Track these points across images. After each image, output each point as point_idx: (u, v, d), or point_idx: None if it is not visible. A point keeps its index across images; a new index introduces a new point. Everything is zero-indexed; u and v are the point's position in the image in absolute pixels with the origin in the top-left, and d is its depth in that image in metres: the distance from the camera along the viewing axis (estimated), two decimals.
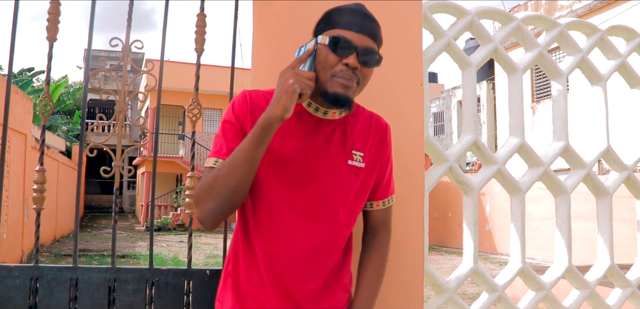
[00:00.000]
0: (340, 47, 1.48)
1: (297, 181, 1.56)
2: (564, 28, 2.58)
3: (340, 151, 1.60)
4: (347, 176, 1.60)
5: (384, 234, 1.76)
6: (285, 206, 1.56)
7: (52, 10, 2.06)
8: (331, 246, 1.60)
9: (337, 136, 1.61)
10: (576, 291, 2.57)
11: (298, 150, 1.56)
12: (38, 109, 2.09)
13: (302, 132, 1.58)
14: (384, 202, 1.74)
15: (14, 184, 10.94)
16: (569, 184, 2.56)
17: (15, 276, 1.99)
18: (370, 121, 1.70)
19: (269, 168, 1.55)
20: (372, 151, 1.67)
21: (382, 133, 1.70)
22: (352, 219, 1.66)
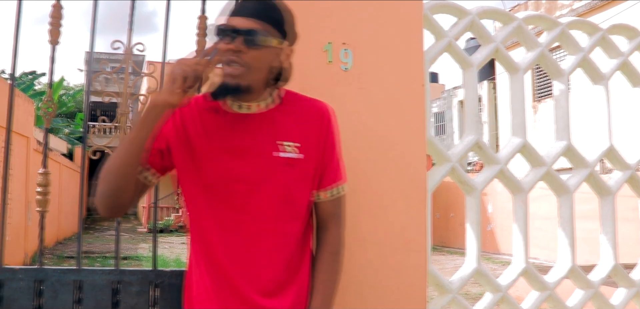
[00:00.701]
0: (220, 32, 1.48)
1: (223, 181, 1.55)
2: (565, 27, 2.58)
3: (267, 144, 1.56)
4: (279, 169, 1.55)
5: (334, 228, 1.66)
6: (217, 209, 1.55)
7: (54, 13, 2.07)
8: (275, 244, 1.56)
9: (258, 129, 1.57)
10: (580, 291, 2.56)
11: (220, 149, 1.55)
12: (41, 112, 2.09)
13: (225, 131, 1.57)
14: (331, 193, 1.65)
15: (16, 186, 10.96)
16: (571, 183, 2.56)
17: (20, 278, 2.00)
18: (308, 108, 1.65)
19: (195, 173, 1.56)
20: (311, 139, 1.60)
21: (320, 119, 1.63)
22: (296, 213, 1.59)
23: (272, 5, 1.53)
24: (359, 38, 2.09)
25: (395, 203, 2.08)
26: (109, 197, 1.52)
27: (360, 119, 2.07)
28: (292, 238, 1.59)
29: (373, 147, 2.07)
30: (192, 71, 1.42)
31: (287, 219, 1.57)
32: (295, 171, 1.57)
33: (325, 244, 1.64)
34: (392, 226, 2.08)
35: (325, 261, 1.62)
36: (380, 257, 2.06)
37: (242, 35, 1.46)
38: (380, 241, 2.06)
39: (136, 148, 1.47)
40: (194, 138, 1.56)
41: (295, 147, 1.57)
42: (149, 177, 1.60)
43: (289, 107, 1.62)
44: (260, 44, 1.47)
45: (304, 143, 1.58)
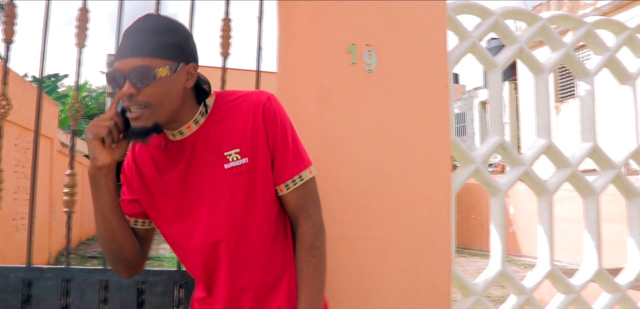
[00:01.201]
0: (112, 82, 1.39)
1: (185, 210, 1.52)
2: (591, 27, 2.55)
3: (212, 160, 1.49)
4: (230, 181, 1.48)
5: (303, 222, 1.54)
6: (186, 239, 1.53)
7: (81, 17, 2.10)
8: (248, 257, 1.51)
9: (204, 147, 1.50)
10: (607, 295, 2.53)
11: (173, 181, 1.51)
12: (68, 113, 2.12)
13: (170, 161, 1.52)
14: (289, 184, 1.53)
15: (40, 187, 11.11)
16: (598, 185, 2.53)
17: (48, 277, 2.03)
18: (240, 106, 1.52)
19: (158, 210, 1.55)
20: (250, 138, 1.49)
21: (253, 113, 1.50)
22: (261, 220, 1.51)
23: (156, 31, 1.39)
24: (382, 39, 2.09)
25: (420, 204, 2.08)
26: (116, 261, 1.56)
27: (384, 120, 2.06)
28: (266, 242, 1.53)
29: (397, 149, 2.07)
30: (104, 128, 1.40)
31: (254, 227, 1.50)
32: (245, 177, 1.48)
33: (299, 240, 1.54)
34: (416, 228, 2.07)
35: (302, 258, 1.53)
36: (404, 258, 2.05)
37: (128, 77, 1.35)
38: (404, 242, 2.05)
39: (108, 213, 1.49)
40: (148, 178, 1.54)
41: (237, 154, 1.48)
42: (145, 222, 1.61)
43: (221, 113, 1.52)
44: (148, 80, 1.35)
45: (243, 145, 1.49)
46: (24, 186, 10.45)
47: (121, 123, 1.42)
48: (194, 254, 1.53)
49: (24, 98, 9.80)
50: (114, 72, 1.37)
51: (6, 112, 2.03)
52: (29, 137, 10.47)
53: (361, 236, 2.01)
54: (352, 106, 2.04)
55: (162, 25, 1.40)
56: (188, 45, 1.45)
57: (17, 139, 9.92)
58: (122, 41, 1.39)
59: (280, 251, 1.55)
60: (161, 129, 1.44)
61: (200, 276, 1.57)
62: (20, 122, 9.71)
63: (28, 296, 2.01)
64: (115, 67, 1.37)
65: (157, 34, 1.38)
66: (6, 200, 9.10)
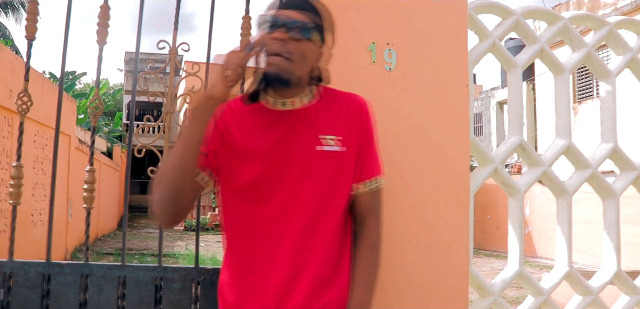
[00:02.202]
0: (265, 24, 1.49)
1: (266, 177, 1.54)
2: (613, 27, 2.52)
3: (307, 139, 1.56)
4: (320, 163, 1.55)
5: (372, 222, 1.64)
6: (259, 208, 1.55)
7: (102, 14, 2.11)
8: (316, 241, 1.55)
9: (301, 124, 1.57)
10: (625, 297, 2.50)
11: (261, 148, 1.55)
12: (88, 111, 2.14)
13: (263, 128, 1.57)
14: (367, 184, 1.62)
15: (58, 183, 11.23)
16: (617, 186, 2.50)
17: (67, 273, 2.05)
18: (347, 102, 1.64)
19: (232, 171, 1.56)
20: (351, 132, 1.60)
21: (359, 111, 1.63)
22: (335, 206, 1.58)
23: (317, 5, 1.54)
24: (402, 38, 2.08)
25: (438, 204, 2.07)
26: (169, 203, 1.50)
27: (404, 119, 2.06)
28: (333, 231, 1.58)
29: (417, 148, 2.06)
30: (235, 65, 1.45)
31: (329, 213, 1.56)
32: (338, 164, 1.57)
33: (365, 238, 1.62)
34: (434, 227, 2.06)
35: (365, 255, 1.61)
36: (422, 257, 2.05)
37: (290, 26, 1.47)
38: (423, 241, 2.05)
39: (192, 147, 1.48)
40: (237, 139, 1.57)
41: (338, 140, 1.57)
42: (206, 178, 1.60)
43: (329, 102, 1.62)
44: (307, 37, 1.49)
45: (345, 136, 1.58)
46: (42, 182, 10.56)
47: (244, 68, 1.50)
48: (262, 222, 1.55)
49: (43, 95, 9.91)
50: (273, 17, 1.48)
51: (28, 108, 2.05)
52: (47, 133, 10.58)
53: None
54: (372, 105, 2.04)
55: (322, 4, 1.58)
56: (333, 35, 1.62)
57: (35, 136, 10.02)
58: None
59: (341, 245, 1.60)
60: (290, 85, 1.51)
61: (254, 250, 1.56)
62: (39, 118, 9.81)
63: (47, 291, 2.03)
64: (276, 14, 1.49)
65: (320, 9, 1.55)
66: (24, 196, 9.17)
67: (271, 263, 1.54)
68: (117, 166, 21.51)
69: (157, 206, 1.51)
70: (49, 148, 10.80)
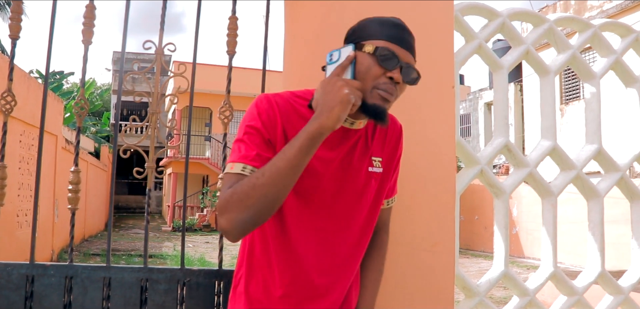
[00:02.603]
0: (386, 59, 1.41)
1: (324, 191, 1.52)
2: (598, 29, 2.54)
3: (363, 159, 1.57)
4: (369, 184, 1.58)
5: (384, 234, 1.77)
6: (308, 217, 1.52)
7: (87, 14, 2.10)
8: (355, 254, 1.60)
9: (361, 145, 1.58)
10: (609, 297, 2.52)
11: (325, 161, 1.50)
12: (74, 111, 2.12)
13: (330, 142, 1.50)
14: (389, 202, 1.75)
15: (45, 184, 11.15)
16: (602, 187, 2.52)
17: (51, 274, 2.03)
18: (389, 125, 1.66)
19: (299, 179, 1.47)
20: (389, 154, 1.64)
21: (398, 136, 1.68)
22: (371, 226, 1.64)
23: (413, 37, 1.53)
24: None
25: (424, 204, 2.07)
26: (255, 224, 1.39)
27: None
28: (365, 247, 1.65)
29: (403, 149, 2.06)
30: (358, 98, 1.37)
31: (367, 230, 1.62)
32: (379, 185, 1.62)
33: (378, 247, 1.74)
34: (420, 228, 2.07)
35: (375, 261, 1.72)
36: (408, 258, 2.05)
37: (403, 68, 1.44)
38: (408, 242, 2.05)
39: (296, 176, 1.37)
40: None
41: (380, 162, 1.61)
42: None
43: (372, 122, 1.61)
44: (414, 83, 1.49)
45: (384, 158, 1.63)
46: (28, 183, 10.48)
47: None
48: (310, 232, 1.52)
49: (29, 94, 9.83)
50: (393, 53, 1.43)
51: (11, 108, 2.03)
52: (33, 133, 10.50)
53: None
54: None
55: None
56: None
57: (21, 136, 9.94)
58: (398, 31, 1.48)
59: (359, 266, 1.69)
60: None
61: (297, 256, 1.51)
62: (25, 118, 9.73)
63: (31, 292, 2.01)
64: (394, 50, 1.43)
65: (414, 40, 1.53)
66: (9, 196, 9.13)
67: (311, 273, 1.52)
68: (104, 166, 21.39)
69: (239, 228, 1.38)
70: (35, 148, 10.71)
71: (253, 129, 1.45)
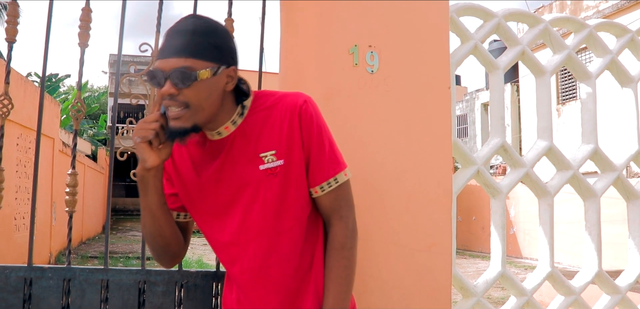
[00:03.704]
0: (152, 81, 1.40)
1: (219, 207, 1.54)
2: (593, 29, 2.55)
3: (249, 161, 1.50)
4: (264, 182, 1.49)
5: (336, 222, 1.56)
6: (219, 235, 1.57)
7: (83, 16, 2.10)
8: (279, 258, 1.52)
9: (238, 148, 1.51)
10: (606, 297, 2.53)
11: (209, 179, 1.53)
12: (70, 114, 2.12)
13: (207, 159, 1.54)
14: (325, 187, 1.54)
15: (42, 187, 11.13)
16: (598, 187, 2.53)
17: (49, 277, 2.03)
18: (277, 108, 1.52)
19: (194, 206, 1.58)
20: (285, 140, 1.50)
21: (290, 115, 1.50)
22: (294, 222, 1.53)
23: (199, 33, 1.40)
24: (385, 40, 2.09)
25: (421, 205, 2.08)
26: (162, 255, 1.60)
27: (386, 121, 2.07)
28: (296, 244, 1.54)
29: (399, 150, 2.07)
30: (151, 131, 1.40)
31: (283, 231, 1.52)
32: (280, 179, 1.50)
33: (330, 240, 1.56)
34: (417, 228, 2.07)
35: (332, 258, 1.54)
36: (405, 259, 2.05)
37: (171, 77, 1.36)
38: (406, 243, 2.06)
39: (155, 212, 1.50)
40: (185, 174, 1.57)
41: (272, 155, 1.49)
42: (187, 215, 1.64)
43: (258, 114, 1.53)
44: (189, 81, 1.37)
45: (279, 147, 1.50)
46: (25, 186, 10.46)
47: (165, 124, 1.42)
48: (227, 250, 1.58)
49: (26, 97, 9.81)
50: (155, 71, 1.39)
51: (8, 111, 2.03)
52: (30, 136, 10.48)
53: (362, 237, 1.99)
54: (354, 107, 2.04)
55: (204, 27, 1.42)
56: (229, 48, 1.46)
57: (18, 139, 9.92)
58: (164, 41, 1.41)
59: (310, 252, 1.57)
60: (200, 129, 1.46)
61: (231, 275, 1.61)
62: (22, 121, 9.71)
63: (29, 295, 2.01)
64: (156, 66, 1.39)
65: (199, 35, 1.40)
66: (7, 199, 9.11)
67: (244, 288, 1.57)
68: (101, 169, 21.34)
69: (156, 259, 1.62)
70: (32, 151, 10.69)
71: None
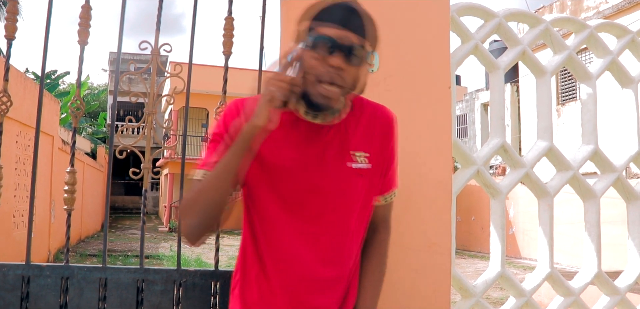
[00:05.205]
0: (321, 45, 1.35)
1: (298, 193, 1.48)
2: (594, 30, 2.55)
3: (340, 156, 1.49)
4: (351, 181, 1.50)
5: (383, 231, 1.65)
6: (288, 219, 1.49)
7: (83, 14, 2.09)
8: (343, 256, 1.52)
9: (337, 140, 1.50)
10: (606, 297, 2.53)
11: (295, 160, 1.47)
12: (69, 111, 2.12)
13: (299, 141, 1.48)
14: (386, 198, 1.62)
15: (41, 184, 11.12)
16: (598, 188, 2.52)
17: (47, 275, 2.02)
18: (375, 115, 1.56)
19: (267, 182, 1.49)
20: (378, 148, 1.54)
21: (388, 126, 1.57)
22: (363, 224, 1.57)
23: (369, 18, 1.42)
24: (385, 40, 2.08)
25: (420, 205, 2.07)
26: (204, 228, 1.45)
27: None
28: (358, 247, 1.58)
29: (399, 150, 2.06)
30: (287, 93, 1.34)
31: (354, 231, 1.54)
32: (366, 181, 1.52)
33: (376, 246, 1.63)
34: (416, 228, 2.07)
35: (375, 262, 1.61)
36: (404, 259, 2.05)
37: (345, 51, 1.35)
38: (405, 243, 2.05)
39: (231, 175, 1.39)
40: (265, 150, 1.47)
41: (365, 157, 1.51)
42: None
43: (359, 115, 1.55)
44: (360, 62, 1.37)
45: (372, 152, 1.53)
46: (24, 183, 10.45)
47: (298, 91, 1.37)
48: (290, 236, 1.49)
49: (25, 95, 9.81)
50: (327, 38, 1.34)
51: (7, 108, 2.03)
52: (29, 134, 10.47)
53: None
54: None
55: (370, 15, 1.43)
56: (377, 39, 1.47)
57: (17, 136, 9.91)
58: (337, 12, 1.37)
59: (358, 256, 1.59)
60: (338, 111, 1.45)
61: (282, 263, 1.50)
62: (21, 119, 9.71)
63: (27, 293, 2.00)
64: (330, 34, 1.35)
65: (371, 21, 1.41)
66: (6, 197, 9.10)
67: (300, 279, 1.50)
68: (101, 167, 21.34)
69: (190, 232, 1.46)
70: (31, 149, 10.68)
71: (217, 136, 1.48)
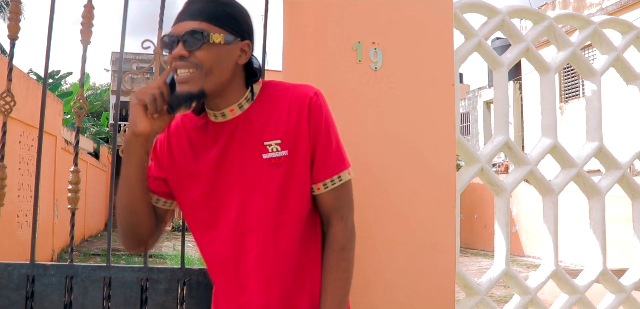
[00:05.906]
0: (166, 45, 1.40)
1: (215, 195, 1.47)
2: (598, 26, 2.54)
3: (252, 148, 1.45)
4: (266, 172, 1.44)
5: (337, 222, 1.50)
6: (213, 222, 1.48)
7: (86, 13, 2.09)
8: (275, 252, 1.45)
9: (244, 133, 1.46)
10: (611, 295, 2.52)
11: (208, 164, 1.47)
12: (73, 111, 2.12)
13: (209, 144, 1.48)
14: (328, 184, 1.48)
15: (44, 184, 11.14)
16: (603, 185, 2.51)
17: (52, 274, 2.03)
18: (287, 98, 1.47)
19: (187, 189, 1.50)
20: (293, 132, 1.45)
21: (299, 106, 1.45)
22: (293, 217, 1.46)
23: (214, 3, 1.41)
24: (388, 37, 2.08)
25: (424, 203, 2.07)
26: (129, 234, 1.52)
27: (390, 119, 2.06)
28: (297, 240, 1.47)
29: (402, 148, 2.06)
30: (149, 95, 1.36)
31: (285, 224, 1.45)
32: (283, 170, 1.44)
33: (330, 241, 1.49)
34: (420, 227, 2.06)
35: (331, 259, 1.49)
36: (408, 257, 2.04)
37: (181, 39, 1.37)
38: (409, 241, 2.05)
39: (134, 185, 1.45)
40: (180, 158, 1.51)
41: (277, 145, 1.44)
42: (167, 201, 1.57)
43: (266, 102, 1.49)
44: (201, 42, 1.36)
45: (285, 137, 1.44)
46: (28, 183, 10.48)
47: (167, 94, 1.39)
48: (219, 241, 1.48)
49: (28, 95, 9.83)
50: (169, 36, 1.39)
51: (10, 108, 2.03)
52: (33, 134, 10.49)
53: (365, 235, 2.00)
54: (358, 104, 2.04)
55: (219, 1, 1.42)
56: (245, 22, 1.45)
57: (21, 136, 9.94)
58: (182, 8, 1.42)
59: (307, 251, 1.51)
60: (205, 96, 1.40)
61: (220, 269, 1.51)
62: (24, 119, 9.73)
63: (31, 292, 2.01)
64: (170, 31, 1.39)
65: (216, 2, 1.41)
66: (9, 197, 9.12)
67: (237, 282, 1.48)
68: (103, 167, 21.38)
69: (122, 241, 1.56)
70: (34, 149, 10.71)
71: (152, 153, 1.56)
